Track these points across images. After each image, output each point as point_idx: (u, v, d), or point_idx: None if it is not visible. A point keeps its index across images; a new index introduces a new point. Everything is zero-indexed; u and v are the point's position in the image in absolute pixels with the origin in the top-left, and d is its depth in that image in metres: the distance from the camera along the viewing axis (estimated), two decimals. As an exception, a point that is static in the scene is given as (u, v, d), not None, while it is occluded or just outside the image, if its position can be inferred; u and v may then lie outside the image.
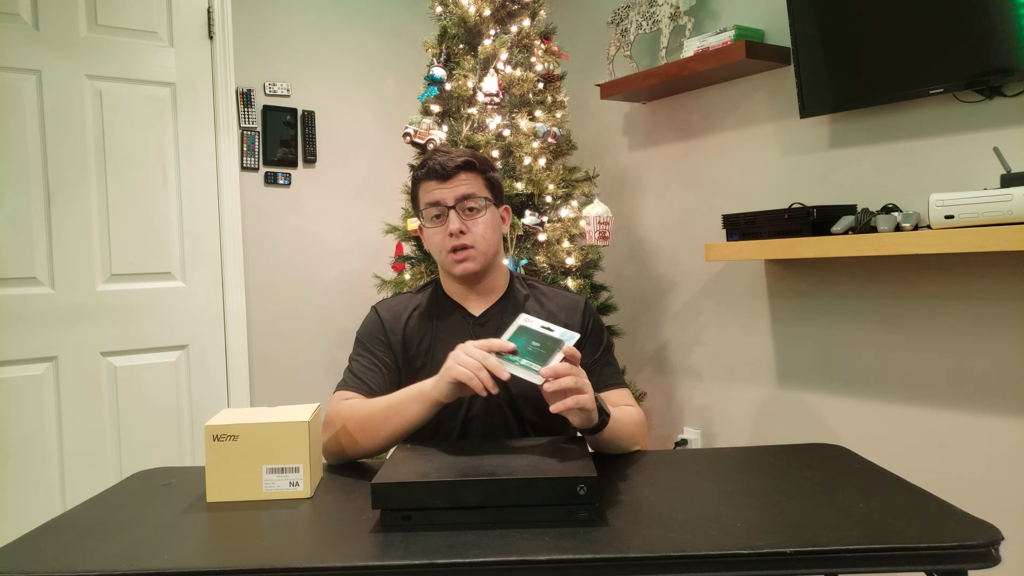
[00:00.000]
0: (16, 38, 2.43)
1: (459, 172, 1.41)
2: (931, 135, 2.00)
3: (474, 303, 1.47)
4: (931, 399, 2.03)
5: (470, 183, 1.42)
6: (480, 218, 1.42)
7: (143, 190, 2.66)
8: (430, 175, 1.41)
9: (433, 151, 1.46)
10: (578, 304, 1.51)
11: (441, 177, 1.40)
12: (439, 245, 1.42)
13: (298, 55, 3.00)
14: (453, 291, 1.49)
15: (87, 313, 2.55)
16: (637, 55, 2.83)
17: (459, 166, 1.41)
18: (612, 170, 3.02)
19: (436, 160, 1.41)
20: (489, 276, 1.47)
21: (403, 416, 1.27)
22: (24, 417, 2.44)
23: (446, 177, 1.40)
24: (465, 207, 1.41)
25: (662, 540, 0.92)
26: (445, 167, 1.40)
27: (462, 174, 1.41)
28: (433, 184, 1.41)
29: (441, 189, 1.41)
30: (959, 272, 1.96)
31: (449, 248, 1.40)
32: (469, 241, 1.40)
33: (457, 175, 1.41)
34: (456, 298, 1.48)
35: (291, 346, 2.98)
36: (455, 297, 1.48)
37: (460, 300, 1.48)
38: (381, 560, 0.88)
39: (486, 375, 1.15)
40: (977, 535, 0.88)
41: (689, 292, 2.74)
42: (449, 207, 1.40)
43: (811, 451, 1.32)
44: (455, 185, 1.41)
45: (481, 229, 1.41)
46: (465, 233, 1.40)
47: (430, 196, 1.42)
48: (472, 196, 1.41)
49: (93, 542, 0.98)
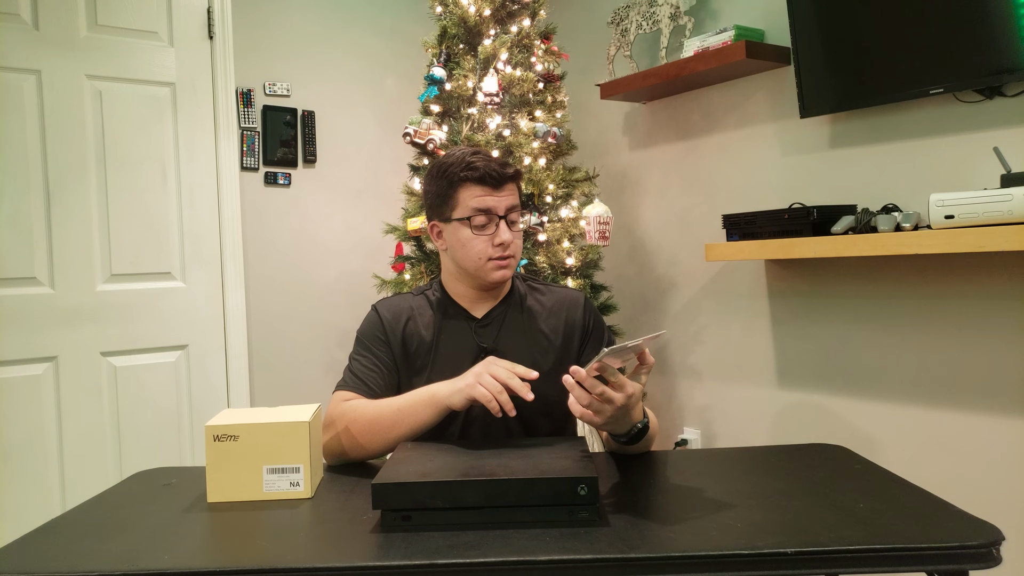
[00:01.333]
0: (16, 38, 2.43)
1: (509, 181, 1.39)
2: (931, 135, 2.00)
3: (478, 306, 1.47)
4: (931, 399, 2.03)
5: (515, 193, 1.41)
6: (519, 229, 1.43)
7: (143, 190, 2.65)
8: (484, 180, 1.36)
9: (473, 153, 1.40)
10: (578, 301, 1.50)
11: (495, 184, 1.37)
12: (480, 252, 1.38)
13: (298, 55, 3.00)
14: (461, 293, 1.47)
15: (87, 313, 2.54)
16: (637, 55, 2.83)
17: (510, 176, 1.38)
18: (612, 170, 3.02)
19: (490, 166, 1.37)
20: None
21: (414, 420, 1.27)
22: (24, 417, 2.44)
23: (499, 185, 1.37)
24: (511, 218, 1.40)
25: (662, 540, 0.92)
26: (500, 175, 1.37)
27: (511, 184, 1.40)
28: (483, 190, 1.37)
29: (494, 196, 1.37)
30: (959, 272, 1.96)
31: (493, 256, 1.38)
32: (512, 251, 1.40)
33: (507, 184, 1.39)
34: (461, 301, 1.47)
35: (291, 346, 2.98)
36: (460, 300, 1.47)
37: (465, 303, 1.47)
38: (381, 560, 0.88)
39: (506, 398, 1.15)
40: (978, 535, 0.88)
41: (689, 292, 2.74)
42: (500, 216, 1.38)
43: (811, 451, 1.32)
44: (506, 194, 1.38)
45: (519, 240, 1.43)
46: (512, 243, 1.39)
47: (480, 202, 1.37)
48: (518, 207, 1.41)
49: (93, 542, 0.98)
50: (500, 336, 1.43)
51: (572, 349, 1.47)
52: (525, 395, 1.14)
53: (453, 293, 1.48)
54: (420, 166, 2.55)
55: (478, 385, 1.18)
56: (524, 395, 1.14)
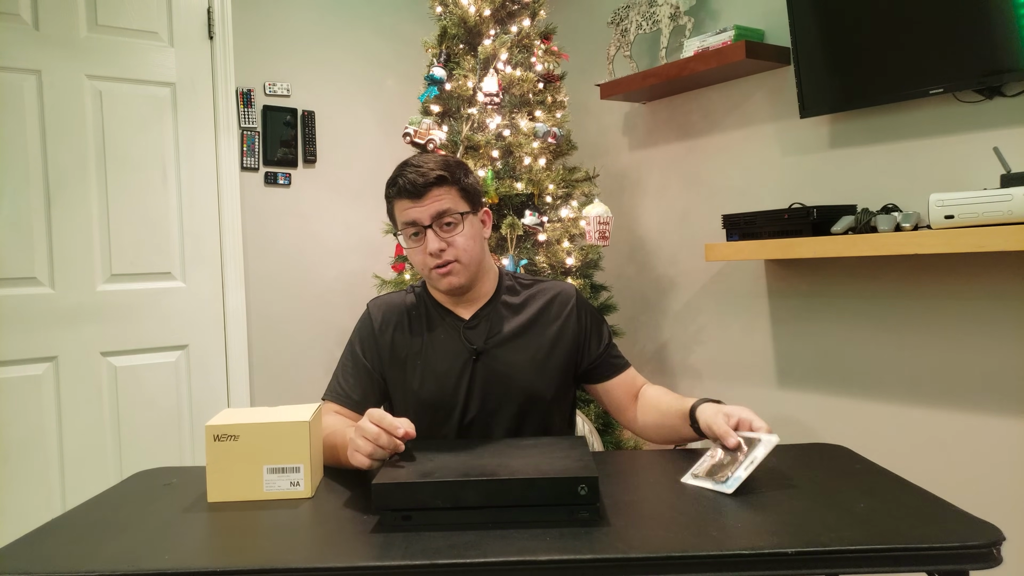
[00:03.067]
0: (16, 38, 2.43)
1: (431, 188, 1.35)
2: (931, 135, 2.00)
3: (463, 308, 1.46)
4: (931, 399, 2.03)
5: (444, 197, 1.36)
6: (459, 232, 1.37)
7: (143, 190, 2.65)
8: (402, 194, 1.36)
9: (403, 165, 1.38)
10: (568, 298, 1.48)
11: (413, 195, 1.35)
12: (420, 263, 1.39)
13: (298, 55, 3.00)
14: (441, 299, 1.47)
15: (87, 313, 2.54)
16: (637, 55, 2.83)
17: (431, 182, 1.34)
18: (612, 170, 3.02)
19: (407, 177, 1.35)
20: (476, 284, 1.45)
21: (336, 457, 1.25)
22: (24, 417, 2.44)
23: (419, 195, 1.35)
24: (442, 223, 1.36)
25: (663, 540, 0.92)
26: (416, 185, 1.34)
27: (435, 189, 1.35)
28: (407, 203, 1.36)
29: (416, 208, 1.35)
30: (959, 272, 1.96)
31: (432, 266, 1.37)
32: (451, 256, 1.37)
33: (430, 191, 1.35)
34: (445, 304, 1.47)
35: (291, 346, 2.98)
36: (444, 302, 1.47)
37: (449, 306, 1.47)
38: (382, 560, 0.88)
39: (386, 440, 1.11)
40: (978, 535, 0.88)
41: (689, 292, 2.74)
42: (426, 226, 1.35)
43: (811, 451, 1.32)
44: (429, 202, 1.35)
45: (462, 242, 1.37)
46: (446, 249, 1.36)
47: (405, 215, 1.37)
48: (448, 212, 1.36)
49: (93, 542, 0.98)
50: (490, 337, 1.43)
51: (567, 344, 1.46)
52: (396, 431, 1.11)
53: (437, 298, 1.48)
54: (420, 166, 2.54)
55: (355, 453, 1.14)
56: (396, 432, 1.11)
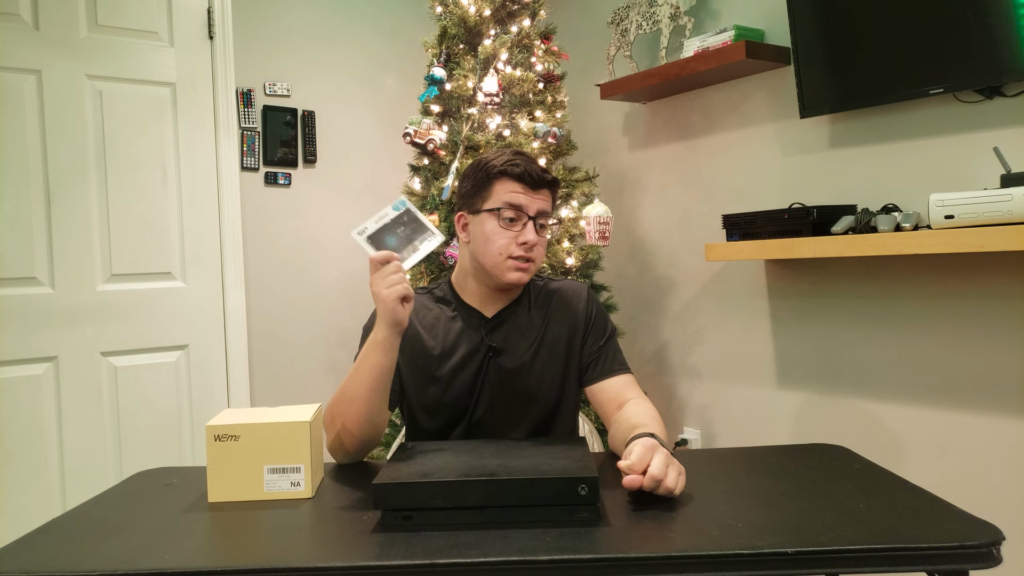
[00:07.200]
0: (16, 38, 2.43)
1: (546, 187, 1.41)
2: (931, 135, 2.00)
3: (490, 305, 1.46)
4: (931, 399, 2.04)
5: (548, 201, 1.43)
6: (546, 236, 1.44)
7: (143, 190, 2.65)
8: (521, 178, 1.38)
9: (516, 154, 1.42)
10: (580, 292, 1.52)
11: (530, 184, 1.39)
12: (501, 248, 1.38)
13: (298, 55, 3.00)
14: (472, 291, 1.46)
15: (87, 313, 2.54)
16: (637, 55, 2.83)
17: (548, 181, 1.41)
18: (612, 170, 3.02)
19: (529, 167, 1.39)
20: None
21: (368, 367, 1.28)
22: (24, 417, 2.44)
23: (535, 187, 1.39)
24: (539, 222, 1.41)
25: (663, 540, 0.92)
26: (536, 176, 1.39)
27: (547, 189, 1.41)
28: (519, 187, 1.38)
29: (528, 196, 1.39)
30: (959, 272, 1.96)
31: (514, 255, 1.38)
32: (534, 254, 1.40)
33: (544, 189, 1.41)
34: (472, 299, 1.46)
35: (291, 346, 2.98)
36: (471, 298, 1.46)
37: (476, 302, 1.46)
38: (382, 560, 0.88)
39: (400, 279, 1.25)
40: (978, 535, 0.88)
41: (689, 292, 2.74)
42: (530, 217, 1.39)
43: (811, 451, 1.32)
44: (540, 198, 1.40)
45: (543, 246, 1.43)
46: (535, 246, 1.39)
47: (513, 198, 1.38)
48: (548, 214, 1.42)
49: (93, 542, 0.98)
50: (509, 336, 1.43)
51: (576, 343, 1.47)
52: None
53: (464, 291, 1.47)
54: (420, 166, 2.55)
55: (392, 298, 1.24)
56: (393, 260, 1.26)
